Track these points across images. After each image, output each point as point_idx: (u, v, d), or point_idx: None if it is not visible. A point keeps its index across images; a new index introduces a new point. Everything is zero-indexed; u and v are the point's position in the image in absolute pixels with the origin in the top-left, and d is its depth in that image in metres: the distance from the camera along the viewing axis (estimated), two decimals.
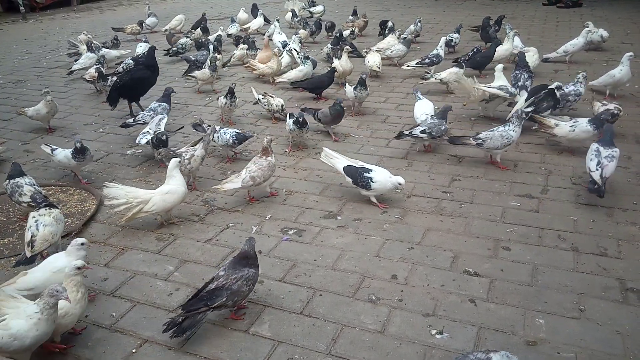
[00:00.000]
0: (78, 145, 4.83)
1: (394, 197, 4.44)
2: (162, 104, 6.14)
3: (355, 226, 4.12)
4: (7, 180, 4.32)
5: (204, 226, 4.21)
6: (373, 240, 3.90)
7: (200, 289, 3.10)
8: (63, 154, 4.92)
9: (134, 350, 2.98)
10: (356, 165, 4.41)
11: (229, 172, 5.06)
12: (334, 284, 3.46)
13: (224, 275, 3.08)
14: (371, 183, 4.25)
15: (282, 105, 6.21)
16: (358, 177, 4.31)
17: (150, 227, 4.22)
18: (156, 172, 5.11)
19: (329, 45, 8.61)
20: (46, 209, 3.74)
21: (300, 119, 5.31)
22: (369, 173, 4.28)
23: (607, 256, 3.61)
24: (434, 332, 3.01)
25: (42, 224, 3.64)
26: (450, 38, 9.08)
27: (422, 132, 5.18)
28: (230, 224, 4.22)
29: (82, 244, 3.24)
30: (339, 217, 4.26)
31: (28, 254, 3.56)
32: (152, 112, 5.97)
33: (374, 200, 4.38)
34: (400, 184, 4.19)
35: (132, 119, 6.05)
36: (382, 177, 4.26)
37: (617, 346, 2.86)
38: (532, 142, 5.50)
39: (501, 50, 7.69)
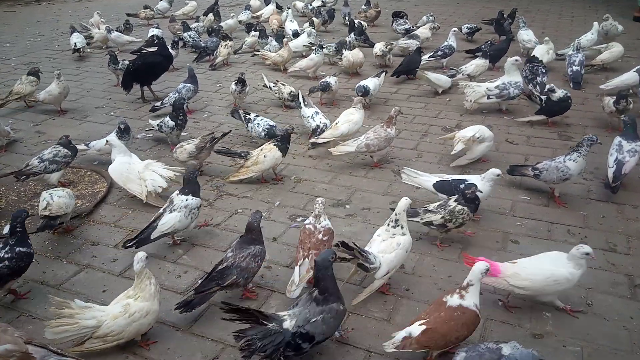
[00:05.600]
0: (122, 126, 4.90)
1: (402, 187, 4.42)
2: (187, 85, 6.17)
3: (363, 215, 4.13)
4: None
5: (213, 211, 4.23)
6: None
7: (211, 270, 3.13)
8: (102, 141, 4.82)
9: None
10: (446, 179, 4.04)
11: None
12: (342, 271, 3.46)
13: (232, 256, 3.13)
14: None
15: (292, 92, 6.20)
16: (455, 191, 3.82)
17: None
18: (167, 157, 5.13)
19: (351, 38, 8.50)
20: (58, 189, 3.98)
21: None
22: (465, 184, 3.78)
23: (616, 252, 3.60)
24: None
25: (56, 195, 3.79)
26: (476, 26, 9.20)
27: None
28: (239, 210, 4.24)
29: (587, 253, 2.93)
30: (347, 206, 4.26)
31: (46, 212, 3.69)
32: (177, 94, 6.04)
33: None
34: (498, 175, 3.85)
35: (159, 102, 6.11)
36: (481, 185, 3.77)
37: (624, 341, 2.86)
38: (544, 136, 5.48)
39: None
